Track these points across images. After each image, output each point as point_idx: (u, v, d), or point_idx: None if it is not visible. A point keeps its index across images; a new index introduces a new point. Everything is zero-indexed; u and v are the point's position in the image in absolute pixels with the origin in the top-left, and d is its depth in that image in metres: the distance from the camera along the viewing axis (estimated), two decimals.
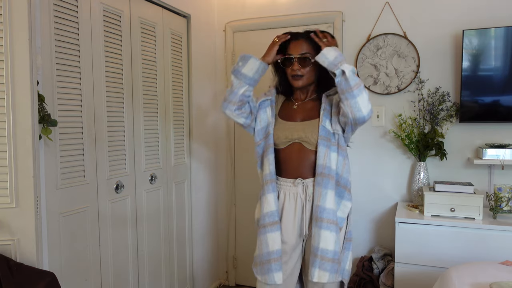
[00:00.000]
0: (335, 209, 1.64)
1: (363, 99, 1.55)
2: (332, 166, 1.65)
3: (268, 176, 1.70)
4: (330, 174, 1.64)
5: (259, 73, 1.70)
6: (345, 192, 1.70)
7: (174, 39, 2.49)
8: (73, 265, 1.76)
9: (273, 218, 1.67)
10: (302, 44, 1.69)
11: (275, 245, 1.66)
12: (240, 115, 1.75)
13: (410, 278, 2.19)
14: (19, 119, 1.41)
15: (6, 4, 1.37)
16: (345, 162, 1.70)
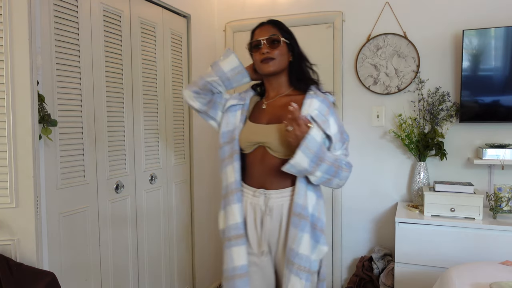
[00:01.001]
0: (309, 255, 1.45)
1: (340, 181, 1.48)
2: (309, 208, 1.47)
3: (233, 184, 1.53)
4: (307, 216, 1.45)
5: (234, 73, 1.57)
6: (322, 236, 1.50)
7: (174, 39, 2.49)
8: (73, 265, 1.76)
9: (237, 231, 1.50)
10: (269, 28, 1.55)
11: (240, 260, 1.49)
12: (197, 98, 1.60)
13: (410, 278, 2.19)
14: (19, 119, 1.41)
15: (6, 4, 1.37)
16: (320, 202, 1.52)
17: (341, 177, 1.46)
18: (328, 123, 1.46)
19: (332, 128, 1.47)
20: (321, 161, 1.38)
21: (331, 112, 1.49)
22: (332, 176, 1.43)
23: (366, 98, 2.65)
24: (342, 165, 1.46)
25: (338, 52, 2.67)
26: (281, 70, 1.56)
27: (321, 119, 1.45)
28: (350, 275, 2.73)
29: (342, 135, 1.51)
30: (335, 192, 2.73)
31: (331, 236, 2.76)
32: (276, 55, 1.52)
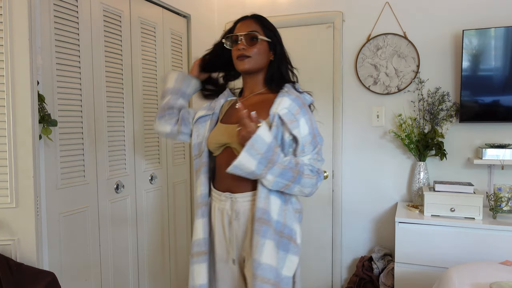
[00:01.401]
0: (274, 266, 1.31)
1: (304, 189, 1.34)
2: (272, 213, 1.34)
3: (199, 198, 1.47)
4: (269, 221, 1.33)
5: (179, 81, 1.56)
6: (291, 244, 1.37)
7: (174, 39, 2.49)
8: (73, 265, 1.76)
9: (199, 248, 1.44)
10: (250, 24, 1.46)
11: (199, 279, 1.43)
12: (165, 122, 1.57)
13: (410, 278, 2.19)
14: (19, 119, 1.41)
15: (6, 4, 1.37)
16: (287, 207, 1.39)
17: (304, 184, 1.33)
18: (297, 123, 1.34)
19: (302, 129, 1.35)
20: (272, 164, 1.27)
21: (303, 112, 1.37)
22: (290, 182, 1.31)
23: (366, 98, 2.65)
24: (305, 170, 1.32)
25: (338, 52, 2.67)
26: (257, 69, 1.47)
27: (289, 118, 1.34)
28: (350, 275, 2.73)
29: (315, 138, 1.38)
30: (335, 192, 2.73)
31: (331, 236, 2.76)
32: (253, 53, 1.43)
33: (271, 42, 1.46)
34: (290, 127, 1.33)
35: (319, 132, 1.42)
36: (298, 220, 1.44)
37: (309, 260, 2.81)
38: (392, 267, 2.35)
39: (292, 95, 1.40)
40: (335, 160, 2.72)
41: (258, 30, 1.45)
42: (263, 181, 1.31)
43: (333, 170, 2.73)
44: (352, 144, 2.70)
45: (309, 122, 1.38)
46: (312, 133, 1.38)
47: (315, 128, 1.41)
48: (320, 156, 1.41)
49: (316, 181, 1.36)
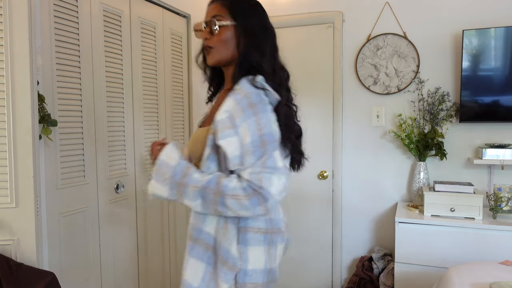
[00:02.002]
0: (195, 286, 1.18)
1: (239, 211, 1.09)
2: (207, 229, 1.19)
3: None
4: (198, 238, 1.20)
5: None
6: (223, 270, 1.14)
7: (174, 39, 2.49)
8: (73, 265, 1.76)
9: None
10: (216, 7, 1.23)
11: None
12: None
13: (410, 278, 2.19)
14: (19, 119, 1.41)
15: (6, 4, 1.37)
16: (227, 226, 1.16)
17: (231, 207, 1.08)
18: (234, 130, 1.09)
19: (243, 137, 1.08)
20: (183, 187, 1.13)
21: (246, 115, 1.09)
22: (212, 204, 1.10)
23: (366, 98, 2.65)
24: (228, 191, 1.08)
25: (338, 52, 2.67)
26: (226, 60, 1.24)
27: (222, 126, 1.10)
28: (350, 275, 2.73)
29: (263, 147, 1.08)
30: (335, 192, 2.73)
31: (331, 236, 2.76)
32: (215, 43, 1.21)
33: (237, 26, 1.20)
34: (218, 136, 1.10)
35: (272, 138, 1.11)
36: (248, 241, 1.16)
37: (309, 260, 2.81)
38: (392, 267, 2.35)
39: (240, 94, 1.12)
40: (335, 160, 2.72)
41: (223, 14, 1.20)
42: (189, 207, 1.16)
43: (333, 170, 2.73)
44: (352, 144, 2.70)
45: (255, 126, 1.08)
46: (259, 141, 1.08)
47: (267, 134, 1.10)
48: (268, 168, 1.08)
49: (249, 203, 1.07)
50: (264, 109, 1.12)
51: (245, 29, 1.20)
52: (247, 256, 1.16)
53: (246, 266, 1.16)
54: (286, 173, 1.13)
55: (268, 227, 1.20)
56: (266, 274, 1.20)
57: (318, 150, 2.74)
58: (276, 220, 1.22)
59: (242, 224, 1.17)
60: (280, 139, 1.14)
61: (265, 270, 1.19)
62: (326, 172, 2.74)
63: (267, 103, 1.14)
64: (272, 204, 1.10)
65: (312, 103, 2.73)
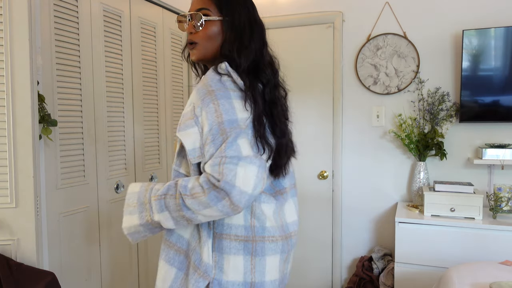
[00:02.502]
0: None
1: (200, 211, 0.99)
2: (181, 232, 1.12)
3: None
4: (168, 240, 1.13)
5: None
6: (194, 276, 1.06)
7: (174, 39, 2.49)
8: (73, 265, 1.76)
9: None
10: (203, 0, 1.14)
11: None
12: None
13: (410, 278, 2.19)
14: (19, 119, 1.41)
15: (6, 4, 1.38)
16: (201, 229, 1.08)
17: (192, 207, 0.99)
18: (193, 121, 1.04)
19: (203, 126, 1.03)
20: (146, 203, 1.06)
21: (205, 103, 1.03)
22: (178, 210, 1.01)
23: (366, 98, 2.65)
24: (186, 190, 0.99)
25: (338, 52, 2.67)
26: (209, 57, 1.15)
27: (184, 118, 1.06)
28: (350, 275, 2.73)
29: (223, 134, 0.99)
30: (335, 192, 2.73)
31: (331, 236, 2.76)
32: (200, 39, 1.13)
33: (224, 20, 1.12)
34: (177, 129, 1.06)
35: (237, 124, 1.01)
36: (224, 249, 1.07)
37: (309, 260, 2.81)
38: (392, 267, 2.35)
39: (201, 83, 1.08)
40: (335, 160, 2.72)
41: (210, 7, 1.13)
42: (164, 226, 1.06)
43: (333, 170, 2.73)
44: (352, 144, 2.70)
45: (213, 114, 1.01)
46: (218, 128, 1.00)
47: (227, 121, 1.00)
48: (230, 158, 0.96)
49: (208, 199, 0.96)
50: (225, 95, 1.03)
51: (232, 24, 1.12)
52: (222, 265, 1.06)
53: (221, 276, 1.06)
54: (257, 162, 0.98)
55: (249, 234, 1.07)
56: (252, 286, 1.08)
57: (318, 150, 2.74)
58: (269, 229, 1.09)
59: (218, 230, 1.08)
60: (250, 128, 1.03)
61: (244, 284, 1.07)
62: (326, 172, 2.74)
63: (230, 89, 1.05)
64: (244, 199, 0.96)
65: (312, 103, 2.73)
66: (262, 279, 1.08)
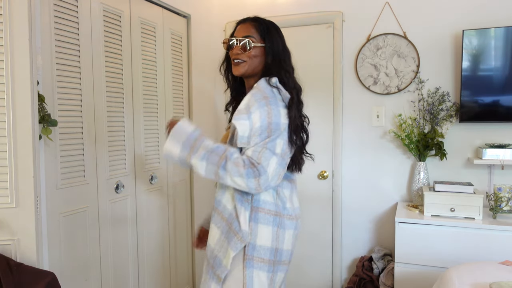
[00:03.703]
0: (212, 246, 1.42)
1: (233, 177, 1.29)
2: (224, 203, 1.41)
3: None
4: (217, 209, 1.43)
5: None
6: (234, 239, 1.35)
7: (174, 39, 2.49)
8: (73, 265, 1.76)
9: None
10: (248, 27, 1.47)
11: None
12: None
13: (410, 278, 2.19)
14: (19, 119, 1.41)
15: (6, 4, 1.38)
16: (243, 203, 1.36)
17: (230, 170, 1.28)
18: (248, 115, 1.32)
19: (254, 121, 1.31)
20: (195, 149, 1.32)
21: (260, 105, 1.33)
22: (216, 166, 1.29)
23: (366, 98, 2.65)
24: (232, 157, 1.30)
25: (338, 52, 2.67)
26: (252, 73, 1.48)
27: (239, 112, 1.34)
28: (350, 275, 2.73)
29: (269, 132, 1.32)
30: (335, 192, 2.73)
31: (331, 236, 2.76)
32: (247, 58, 1.44)
33: (266, 47, 1.45)
34: (233, 117, 1.34)
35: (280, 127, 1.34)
36: (259, 220, 1.37)
37: (309, 260, 2.81)
38: (392, 267, 2.35)
39: (256, 89, 1.39)
40: (335, 160, 2.72)
41: (254, 35, 1.45)
42: (194, 169, 1.33)
43: (333, 170, 2.73)
44: (352, 144, 2.70)
45: (265, 116, 1.32)
46: (266, 128, 1.32)
47: (271, 123, 1.33)
48: (270, 151, 1.30)
49: (245, 172, 1.27)
50: (276, 103, 1.36)
51: (271, 49, 1.46)
52: (256, 232, 1.36)
53: (255, 241, 1.36)
54: (282, 163, 1.34)
55: (278, 211, 1.40)
56: (273, 253, 1.38)
57: (318, 150, 2.74)
58: (288, 209, 1.42)
59: (255, 204, 1.37)
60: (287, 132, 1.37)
61: (271, 249, 1.37)
62: (326, 172, 2.74)
63: (278, 99, 1.39)
64: (265, 185, 1.29)
65: (312, 103, 2.73)
66: (282, 247, 1.40)
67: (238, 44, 1.45)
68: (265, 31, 1.47)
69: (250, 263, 1.35)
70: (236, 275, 1.35)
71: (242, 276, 1.35)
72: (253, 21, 1.49)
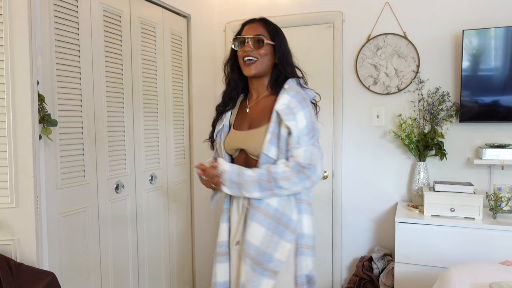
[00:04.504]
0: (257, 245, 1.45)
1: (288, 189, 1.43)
2: (268, 201, 1.47)
3: (223, 204, 1.63)
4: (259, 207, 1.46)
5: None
6: (286, 231, 1.45)
7: (174, 39, 2.49)
8: (73, 265, 1.76)
9: (223, 249, 1.60)
10: (257, 27, 1.53)
11: (222, 277, 1.59)
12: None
13: (410, 278, 2.19)
14: (19, 119, 1.41)
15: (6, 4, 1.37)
16: (289, 199, 1.47)
17: (284, 186, 1.41)
18: (293, 116, 1.42)
19: (299, 122, 1.42)
20: (240, 185, 1.44)
21: (302, 106, 1.44)
22: (268, 191, 1.42)
23: (366, 98, 2.65)
24: (281, 175, 1.40)
25: (338, 52, 2.67)
26: (263, 72, 1.55)
27: (285, 112, 1.43)
28: (350, 275, 2.73)
29: (313, 131, 1.47)
30: (335, 192, 2.73)
31: (331, 236, 2.76)
32: (259, 56, 1.51)
33: (275, 46, 1.53)
34: (284, 119, 1.42)
35: (316, 126, 1.50)
36: (303, 211, 1.50)
37: None
38: (392, 267, 2.35)
39: (292, 91, 1.48)
40: (335, 160, 2.72)
41: (264, 34, 1.52)
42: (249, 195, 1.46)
43: (333, 170, 2.73)
44: (352, 144, 2.70)
45: (308, 115, 1.45)
46: (311, 126, 1.46)
47: (314, 122, 1.49)
48: (317, 148, 1.46)
49: (297, 180, 1.41)
50: (310, 104, 1.50)
51: (280, 48, 1.53)
52: (302, 222, 1.50)
53: (302, 230, 1.49)
54: (322, 156, 1.49)
55: (310, 200, 1.54)
56: (314, 238, 1.53)
57: None
58: (310, 196, 1.56)
59: (298, 196, 1.50)
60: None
61: (313, 235, 1.53)
62: (326, 172, 2.74)
63: (309, 100, 1.52)
64: (317, 181, 1.44)
65: None
66: (315, 232, 1.57)
67: (250, 42, 1.50)
68: (274, 30, 1.54)
69: (301, 251, 1.48)
70: (287, 265, 1.46)
71: (294, 264, 1.47)
72: (262, 21, 1.56)
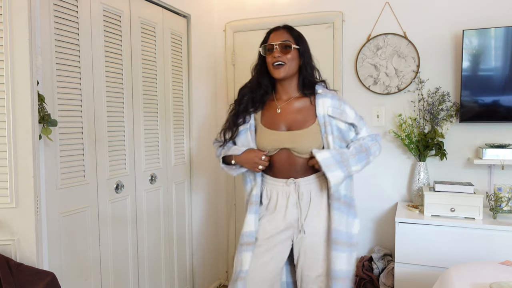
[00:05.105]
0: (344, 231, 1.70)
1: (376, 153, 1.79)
2: (340, 190, 1.71)
3: (252, 197, 1.76)
4: (341, 198, 1.70)
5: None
6: (353, 210, 1.76)
7: (174, 39, 2.49)
8: (73, 265, 1.76)
9: (250, 239, 1.73)
10: (282, 33, 1.71)
11: (245, 265, 1.72)
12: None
13: (410, 278, 2.19)
14: (19, 119, 1.41)
15: (6, 4, 1.37)
16: (351, 183, 1.77)
17: (375, 152, 1.76)
18: (345, 112, 1.70)
19: (349, 114, 1.71)
20: (347, 161, 1.64)
21: (343, 102, 1.73)
22: (367, 159, 1.72)
23: (366, 98, 2.65)
24: (368, 143, 1.73)
25: (338, 52, 2.67)
26: (291, 75, 1.72)
27: (337, 113, 1.69)
28: None
29: (362, 119, 1.78)
30: None
31: None
32: (287, 60, 1.67)
33: (300, 50, 1.71)
34: (343, 119, 1.69)
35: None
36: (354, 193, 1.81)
37: None
38: (392, 267, 2.35)
39: (328, 93, 1.74)
40: None
41: (290, 39, 1.69)
42: (353, 173, 1.69)
43: None
44: None
45: (351, 107, 1.75)
46: (358, 115, 1.76)
47: (355, 109, 1.78)
48: (367, 126, 1.80)
49: (378, 143, 1.79)
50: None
51: (304, 53, 1.73)
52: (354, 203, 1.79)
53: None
54: None
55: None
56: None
57: None
58: None
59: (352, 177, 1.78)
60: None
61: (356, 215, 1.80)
62: None
63: None
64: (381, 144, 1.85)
65: None
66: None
67: (278, 48, 1.67)
68: (298, 36, 1.73)
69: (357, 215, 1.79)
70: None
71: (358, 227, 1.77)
72: (286, 28, 1.73)
